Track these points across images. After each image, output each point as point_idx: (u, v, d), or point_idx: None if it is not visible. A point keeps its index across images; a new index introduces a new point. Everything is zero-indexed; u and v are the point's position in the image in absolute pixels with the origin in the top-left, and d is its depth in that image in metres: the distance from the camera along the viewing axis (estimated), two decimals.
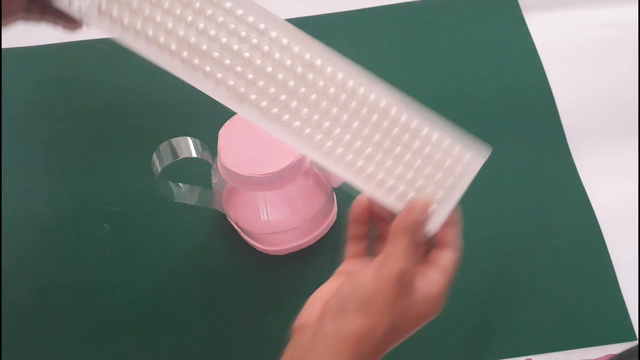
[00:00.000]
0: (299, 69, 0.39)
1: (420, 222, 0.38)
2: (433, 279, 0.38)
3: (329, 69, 0.39)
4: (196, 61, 0.38)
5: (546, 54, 0.68)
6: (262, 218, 0.53)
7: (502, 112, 0.65)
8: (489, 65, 0.68)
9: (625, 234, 0.58)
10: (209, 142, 0.50)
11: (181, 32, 0.38)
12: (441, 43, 0.70)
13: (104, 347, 0.54)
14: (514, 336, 0.54)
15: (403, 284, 0.36)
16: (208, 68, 0.38)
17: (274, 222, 0.53)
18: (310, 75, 0.38)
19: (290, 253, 0.57)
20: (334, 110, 0.39)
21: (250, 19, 0.38)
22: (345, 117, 0.39)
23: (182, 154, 0.48)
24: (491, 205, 0.60)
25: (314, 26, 0.71)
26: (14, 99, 0.67)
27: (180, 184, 0.54)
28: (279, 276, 0.57)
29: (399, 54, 0.69)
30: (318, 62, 0.39)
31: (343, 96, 0.39)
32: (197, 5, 0.38)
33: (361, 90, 0.39)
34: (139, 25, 0.38)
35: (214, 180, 0.52)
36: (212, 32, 0.38)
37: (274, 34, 0.38)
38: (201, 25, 0.38)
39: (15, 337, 0.55)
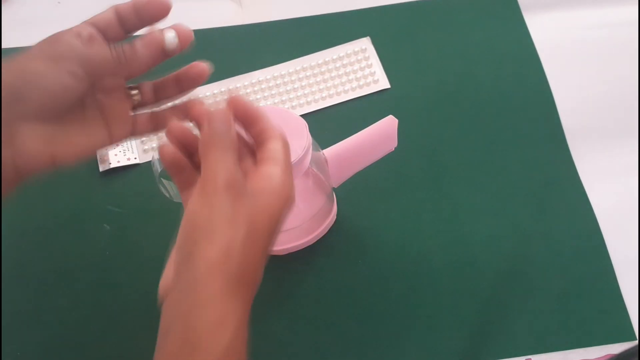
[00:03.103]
0: None
1: (223, 133, 0.36)
2: (269, 173, 0.37)
3: None
4: None
5: (546, 54, 0.68)
6: None
7: (502, 112, 0.65)
8: (488, 65, 0.68)
9: (625, 234, 0.58)
10: None
11: None
12: (441, 43, 0.70)
13: (104, 347, 0.54)
14: (514, 336, 0.54)
15: (234, 191, 0.35)
16: None
17: None
18: None
19: (290, 253, 0.57)
20: None
21: None
22: None
23: None
24: (491, 205, 0.60)
25: (314, 26, 0.71)
26: None
27: None
28: (279, 276, 0.57)
29: (398, 54, 0.69)
30: None
31: None
32: None
33: None
34: None
35: None
36: None
37: None
38: None
39: (15, 337, 0.55)
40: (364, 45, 0.70)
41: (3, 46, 0.70)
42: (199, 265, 0.34)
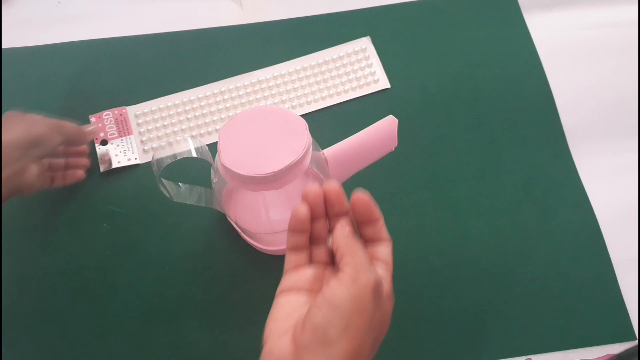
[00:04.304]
0: None
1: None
2: (383, 277, 0.38)
3: None
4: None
5: (546, 54, 0.68)
6: (262, 218, 0.53)
7: (502, 112, 0.65)
8: (489, 65, 0.68)
9: (625, 234, 0.58)
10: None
11: None
12: (441, 43, 0.70)
13: (104, 346, 0.54)
14: (514, 336, 0.54)
15: (378, 293, 0.36)
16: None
17: (274, 222, 0.53)
18: None
19: None
20: None
21: None
22: None
23: (182, 154, 0.48)
24: (491, 205, 0.60)
25: (314, 26, 0.71)
26: (14, 99, 0.67)
27: (180, 184, 0.54)
28: (279, 276, 0.57)
29: (398, 54, 0.69)
30: None
31: None
32: None
33: None
34: None
35: (214, 180, 0.52)
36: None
37: None
38: None
39: (15, 338, 0.55)
40: (364, 45, 0.70)
41: (3, 46, 0.70)
42: (333, 356, 0.34)
